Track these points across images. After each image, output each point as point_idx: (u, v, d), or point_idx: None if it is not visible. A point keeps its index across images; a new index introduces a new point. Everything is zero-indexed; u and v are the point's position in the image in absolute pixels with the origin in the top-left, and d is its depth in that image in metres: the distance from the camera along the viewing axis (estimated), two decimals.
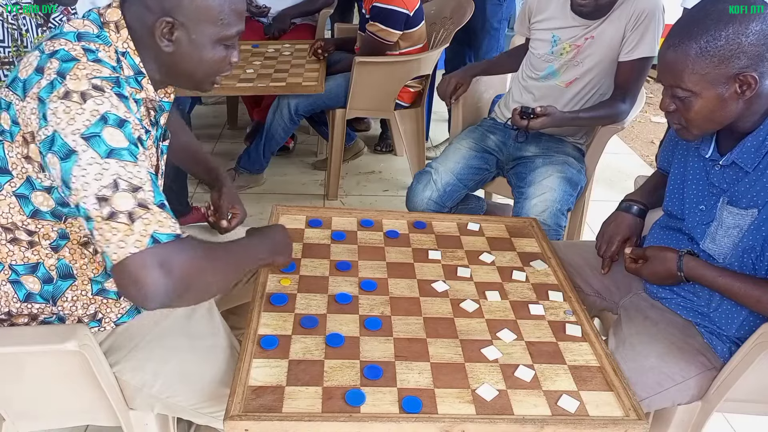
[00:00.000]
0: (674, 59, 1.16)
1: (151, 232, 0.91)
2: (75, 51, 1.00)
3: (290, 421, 1.02)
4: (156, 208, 0.93)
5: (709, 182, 1.31)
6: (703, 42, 1.12)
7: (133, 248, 0.89)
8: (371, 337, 1.22)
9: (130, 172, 0.93)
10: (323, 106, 2.89)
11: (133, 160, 0.94)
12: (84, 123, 0.93)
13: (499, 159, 2.18)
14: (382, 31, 2.70)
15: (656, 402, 1.27)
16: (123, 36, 1.08)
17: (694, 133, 1.25)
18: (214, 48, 1.10)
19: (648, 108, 4.67)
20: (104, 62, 1.01)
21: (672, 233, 1.42)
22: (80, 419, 1.33)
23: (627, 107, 2.03)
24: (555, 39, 2.06)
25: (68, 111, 0.93)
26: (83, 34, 1.05)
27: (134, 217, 0.90)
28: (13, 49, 1.85)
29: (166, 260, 0.90)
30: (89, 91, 0.95)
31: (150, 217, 0.91)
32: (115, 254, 0.90)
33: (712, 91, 1.15)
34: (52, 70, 0.97)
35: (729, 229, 1.25)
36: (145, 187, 0.93)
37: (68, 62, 0.98)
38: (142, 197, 0.92)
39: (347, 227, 1.61)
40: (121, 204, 0.90)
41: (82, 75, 0.97)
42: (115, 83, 1.00)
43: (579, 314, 1.35)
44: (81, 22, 1.07)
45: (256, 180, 3.08)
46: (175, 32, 1.06)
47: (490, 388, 1.12)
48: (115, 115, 0.95)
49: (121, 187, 0.91)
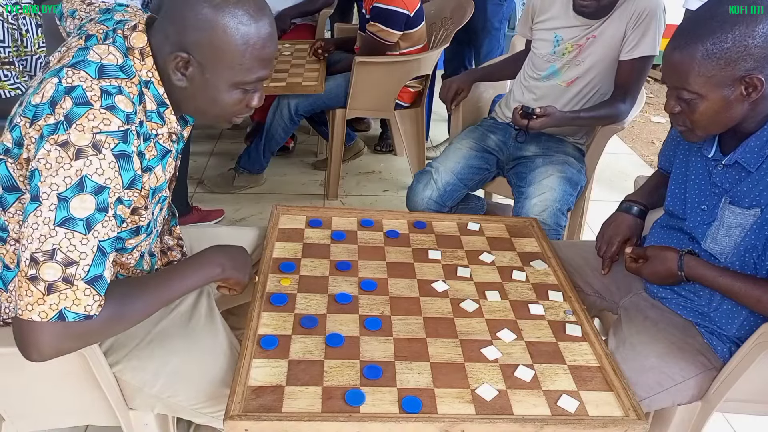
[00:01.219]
0: (680, 61, 1.15)
1: (62, 307, 0.91)
2: (91, 92, 0.96)
3: (290, 421, 1.02)
4: (81, 285, 0.92)
5: (711, 182, 1.30)
6: (710, 44, 1.11)
7: (36, 317, 0.90)
8: (371, 337, 1.22)
9: (74, 245, 0.91)
10: (323, 106, 2.89)
11: (84, 232, 0.92)
12: (64, 181, 0.92)
13: (500, 159, 2.18)
14: (382, 32, 2.70)
15: (656, 402, 1.27)
16: (148, 64, 1.03)
17: (699, 135, 1.25)
18: (230, 91, 1.04)
19: (648, 108, 4.67)
20: (117, 111, 0.97)
21: (673, 233, 1.42)
22: (80, 419, 1.33)
23: (627, 107, 2.03)
24: (557, 39, 2.07)
25: (59, 161, 0.92)
26: (105, 67, 1.00)
27: (52, 290, 0.90)
28: (13, 49, 1.85)
29: (61, 338, 0.92)
30: (86, 149, 0.93)
31: (68, 293, 0.91)
32: (20, 310, 0.91)
33: (718, 93, 1.15)
34: (62, 110, 0.94)
35: (731, 228, 1.25)
36: (81, 262, 0.92)
37: (81, 107, 0.95)
38: (72, 272, 0.91)
39: (347, 227, 1.61)
40: (47, 274, 0.90)
41: (88, 127, 0.94)
42: (121, 139, 0.96)
43: (579, 314, 1.35)
44: (106, 48, 1.02)
45: (256, 180, 3.08)
46: (189, 68, 1.02)
47: (490, 388, 1.12)
48: (94, 182, 0.93)
49: (56, 258, 0.90)
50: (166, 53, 1.02)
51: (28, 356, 0.93)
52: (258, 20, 1.00)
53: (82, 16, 1.25)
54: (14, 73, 1.84)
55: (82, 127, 0.94)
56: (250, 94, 1.08)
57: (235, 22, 0.98)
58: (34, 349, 0.92)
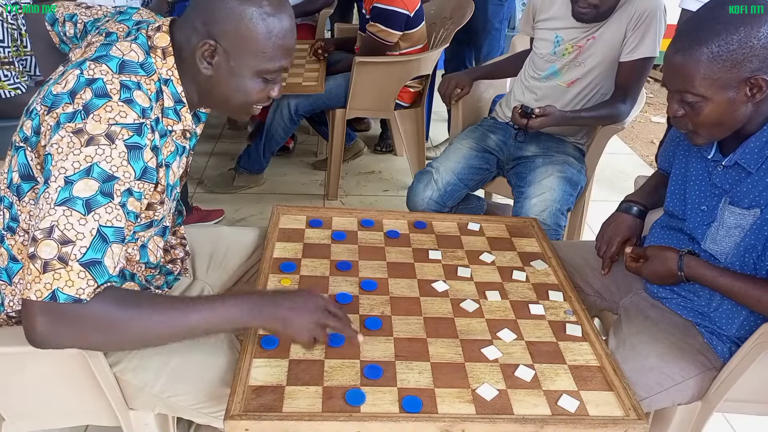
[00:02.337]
0: (684, 64, 1.14)
1: (54, 288, 0.90)
2: (111, 85, 1.00)
3: (290, 421, 1.02)
4: (76, 266, 0.91)
5: (711, 183, 1.30)
6: (715, 46, 1.10)
7: (33, 296, 0.91)
8: (371, 337, 1.22)
9: (71, 223, 0.92)
10: (323, 106, 2.89)
11: (83, 213, 0.92)
12: (73, 165, 0.94)
13: (500, 159, 2.18)
14: (382, 32, 2.70)
15: (656, 402, 1.27)
16: (169, 63, 1.09)
17: (704, 137, 1.23)
18: (253, 79, 1.10)
19: (648, 108, 4.68)
20: (134, 104, 1.01)
21: (673, 233, 1.42)
22: (80, 419, 1.33)
23: (627, 107, 2.03)
24: (558, 39, 2.07)
25: (70, 146, 0.95)
26: (127, 63, 1.04)
27: (47, 268, 0.90)
28: (13, 49, 1.85)
29: (54, 319, 0.91)
30: (98, 137, 0.95)
31: (62, 272, 0.91)
32: (23, 289, 0.92)
33: (723, 95, 1.14)
34: (81, 101, 0.98)
35: (730, 229, 1.25)
36: (78, 242, 0.91)
37: (100, 98, 0.98)
38: (67, 251, 0.91)
39: (347, 227, 1.61)
40: (43, 251, 0.90)
41: (105, 118, 0.97)
42: (135, 131, 0.99)
43: (579, 314, 1.35)
44: (128, 45, 1.07)
45: (256, 180, 3.08)
46: (216, 56, 1.07)
47: (490, 387, 1.12)
48: (101, 169, 0.95)
49: (53, 235, 0.91)
50: (193, 43, 1.07)
51: (28, 338, 0.92)
52: (280, 12, 1.07)
53: (84, 20, 1.27)
54: (14, 73, 1.84)
55: (98, 117, 0.97)
56: (270, 84, 1.13)
57: (260, 12, 1.05)
58: (31, 330, 0.92)
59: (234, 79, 1.09)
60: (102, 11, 1.28)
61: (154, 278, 1.29)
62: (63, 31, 1.30)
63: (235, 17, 1.04)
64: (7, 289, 1.13)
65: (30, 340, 0.93)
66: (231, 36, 1.05)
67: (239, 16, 1.04)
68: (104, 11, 1.28)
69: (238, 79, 1.09)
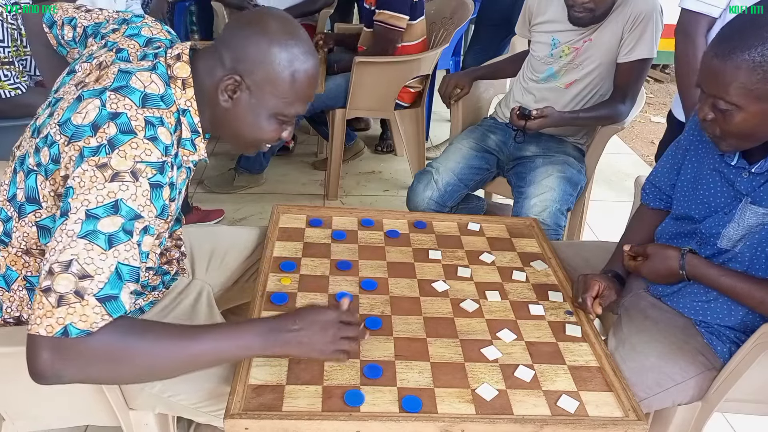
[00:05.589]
0: (721, 70, 1.09)
1: (67, 322, 0.88)
2: (136, 122, 0.99)
3: (290, 420, 1.02)
4: (92, 300, 0.89)
5: (735, 189, 1.26)
6: (758, 55, 1.05)
7: (43, 331, 0.88)
8: (371, 337, 1.22)
9: (92, 257, 0.90)
10: (323, 106, 2.89)
11: (105, 248, 0.91)
12: (96, 199, 0.92)
13: (500, 159, 2.18)
14: (392, 18, 2.70)
15: (656, 402, 1.27)
16: (188, 94, 1.08)
17: (730, 145, 1.19)
18: (269, 119, 1.11)
19: (648, 108, 4.68)
20: (159, 142, 1.00)
21: (682, 238, 1.39)
22: (80, 419, 1.33)
23: (626, 108, 2.03)
24: (554, 42, 2.07)
25: (93, 181, 0.93)
26: (149, 96, 1.03)
27: (62, 302, 0.88)
28: (12, 49, 1.85)
29: (60, 355, 0.89)
30: (123, 173, 0.94)
31: (77, 307, 0.88)
32: (31, 324, 0.89)
33: (757, 107, 1.09)
34: (105, 135, 0.96)
35: (751, 228, 1.23)
36: (96, 277, 0.89)
37: (125, 135, 0.97)
38: (84, 286, 0.89)
39: (348, 227, 1.62)
40: (60, 285, 0.88)
41: (130, 155, 0.96)
42: (159, 170, 0.98)
43: (579, 314, 1.35)
44: (148, 76, 1.05)
45: (256, 180, 3.08)
46: (238, 92, 1.07)
47: (490, 387, 1.13)
48: (129, 207, 0.94)
49: (72, 268, 0.88)
50: (217, 75, 1.07)
51: (32, 374, 0.90)
52: (308, 63, 1.08)
53: (83, 24, 1.25)
54: (14, 73, 1.83)
55: (124, 153, 0.95)
56: (283, 125, 1.15)
57: (290, 59, 1.06)
58: (33, 366, 0.89)
59: (251, 116, 1.10)
60: (103, 15, 1.26)
61: (150, 279, 1.29)
62: (61, 34, 1.28)
63: (266, 59, 1.05)
64: (5, 295, 1.13)
65: (30, 373, 0.90)
66: (257, 76, 1.06)
67: (270, 59, 1.05)
68: (105, 15, 1.26)
69: (255, 117, 1.10)
